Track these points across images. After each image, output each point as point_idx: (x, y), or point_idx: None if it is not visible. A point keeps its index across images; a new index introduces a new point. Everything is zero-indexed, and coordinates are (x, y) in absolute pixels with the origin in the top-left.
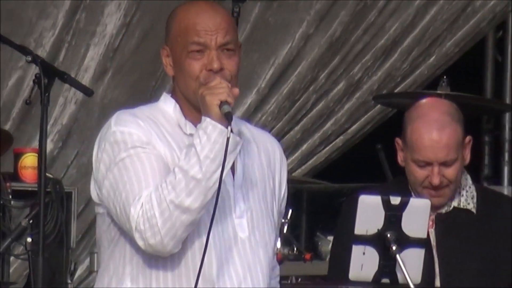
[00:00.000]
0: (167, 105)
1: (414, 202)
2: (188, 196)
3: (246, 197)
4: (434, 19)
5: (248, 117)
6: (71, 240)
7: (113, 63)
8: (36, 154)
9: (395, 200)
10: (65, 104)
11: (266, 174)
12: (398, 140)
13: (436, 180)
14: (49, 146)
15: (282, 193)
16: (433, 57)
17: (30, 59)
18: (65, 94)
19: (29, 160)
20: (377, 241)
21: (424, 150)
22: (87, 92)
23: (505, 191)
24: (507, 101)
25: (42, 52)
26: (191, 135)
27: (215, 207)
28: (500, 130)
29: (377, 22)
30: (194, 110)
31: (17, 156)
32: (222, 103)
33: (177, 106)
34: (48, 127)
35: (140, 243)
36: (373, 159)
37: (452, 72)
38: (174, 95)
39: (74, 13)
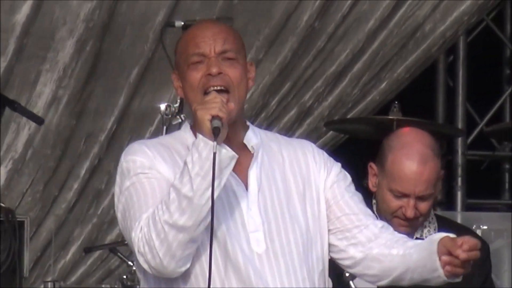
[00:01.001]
0: (185, 133)
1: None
2: (182, 215)
3: (264, 209)
4: (383, 44)
5: None
6: (24, 269)
7: (67, 89)
8: None
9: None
10: (18, 130)
11: (293, 182)
12: (373, 165)
13: (410, 213)
14: (3, 174)
15: (329, 181)
16: (384, 82)
17: None
18: (18, 120)
19: None
20: (331, 267)
21: (404, 182)
22: (38, 120)
23: (459, 216)
24: (459, 125)
25: None
26: None
27: (212, 223)
28: (453, 155)
29: (326, 47)
30: None
31: None
32: (213, 118)
33: (191, 132)
34: (2, 153)
35: (145, 266)
36: None
37: (404, 97)
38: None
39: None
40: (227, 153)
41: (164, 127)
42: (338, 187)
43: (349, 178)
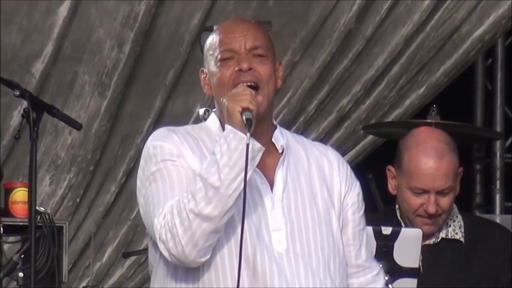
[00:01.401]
0: (211, 123)
1: (405, 232)
2: (208, 204)
3: (287, 209)
4: (420, 47)
5: None
6: (63, 274)
7: (104, 92)
8: (26, 189)
9: (387, 230)
10: (56, 134)
11: (318, 186)
12: (391, 168)
13: (432, 209)
14: (42, 179)
15: (347, 201)
16: (423, 87)
17: (18, 93)
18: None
19: (20, 195)
20: None
21: (422, 178)
22: (76, 126)
23: (498, 219)
24: (498, 128)
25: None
26: None
27: (243, 212)
28: (491, 158)
29: (364, 51)
30: None
31: (7, 191)
32: (244, 110)
33: (218, 123)
34: (41, 157)
35: (165, 253)
36: (364, 189)
37: (442, 100)
38: (218, 114)
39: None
40: (254, 145)
41: None
42: (358, 212)
43: (363, 205)
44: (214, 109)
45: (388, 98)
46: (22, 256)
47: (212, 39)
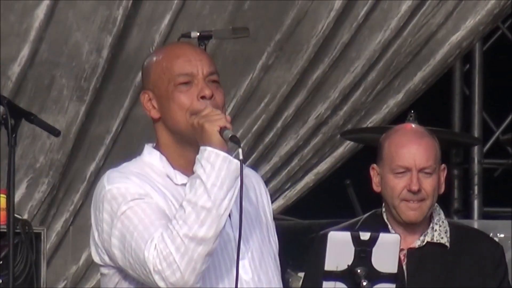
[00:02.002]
0: (152, 158)
1: (384, 237)
2: (201, 226)
3: (245, 238)
4: (397, 53)
5: None
6: (41, 281)
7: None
8: (5, 196)
9: (365, 235)
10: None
11: (258, 211)
12: (374, 166)
13: (415, 186)
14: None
15: (271, 223)
16: (401, 93)
17: None
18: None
19: None
20: (348, 277)
21: (402, 156)
22: (54, 132)
23: (475, 224)
24: (476, 134)
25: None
26: (183, 185)
27: (239, 237)
28: (469, 163)
29: (342, 56)
30: (180, 158)
31: None
32: (222, 129)
33: (163, 157)
34: (18, 161)
35: (161, 284)
36: (342, 194)
37: (420, 106)
38: (157, 146)
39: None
40: (237, 163)
41: None
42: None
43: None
44: (148, 143)
45: (366, 104)
46: (0, 262)
47: (160, 61)
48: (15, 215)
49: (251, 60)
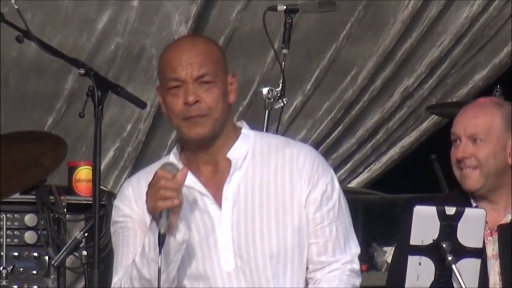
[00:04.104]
0: (172, 157)
1: (469, 212)
2: None
3: (236, 226)
4: (484, 27)
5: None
6: None
7: None
8: (90, 167)
9: (450, 210)
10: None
11: (275, 191)
12: None
13: (459, 153)
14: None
15: (308, 200)
16: (487, 68)
17: (83, 72)
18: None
19: (83, 173)
20: (433, 251)
21: (457, 123)
22: (141, 104)
23: None
24: None
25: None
26: (187, 187)
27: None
28: None
29: (429, 30)
30: (191, 155)
31: (71, 169)
32: (162, 213)
33: (177, 155)
34: (105, 129)
35: None
36: (428, 169)
37: (505, 81)
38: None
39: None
40: (176, 241)
41: (267, 111)
42: (320, 210)
43: (335, 198)
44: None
45: (451, 78)
46: (86, 234)
47: (160, 62)
48: (101, 186)
49: (335, 30)
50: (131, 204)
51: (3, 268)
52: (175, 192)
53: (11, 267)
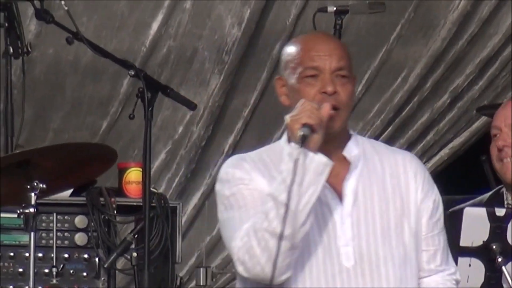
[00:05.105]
0: (283, 142)
1: None
2: (280, 222)
3: (356, 223)
4: None
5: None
6: (177, 255)
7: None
8: (140, 169)
9: (500, 211)
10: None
11: (391, 196)
12: None
13: (500, 141)
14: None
15: (422, 208)
16: None
17: (132, 73)
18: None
19: (133, 175)
20: (483, 253)
21: (495, 119)
22: (190, 106)
23: None
24: None
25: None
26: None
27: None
28: None
29: (480, 32)
30: None
31: (121, 171)
32: (303, 126)
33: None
34: (157, 132)
35: (245, 274)
36: (478, 170)
37: None
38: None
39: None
40: (321, 160)
41: None
42: (431, 218)
43: (441, 209)
44: None
45: (502, 79)
46: (136, 236)
47: (293, 51)
48: (151, 188)
49: (385, 31)
50: (250, 175)
51: (53, 267)
52: (319, 119)
53: (61, 266)
